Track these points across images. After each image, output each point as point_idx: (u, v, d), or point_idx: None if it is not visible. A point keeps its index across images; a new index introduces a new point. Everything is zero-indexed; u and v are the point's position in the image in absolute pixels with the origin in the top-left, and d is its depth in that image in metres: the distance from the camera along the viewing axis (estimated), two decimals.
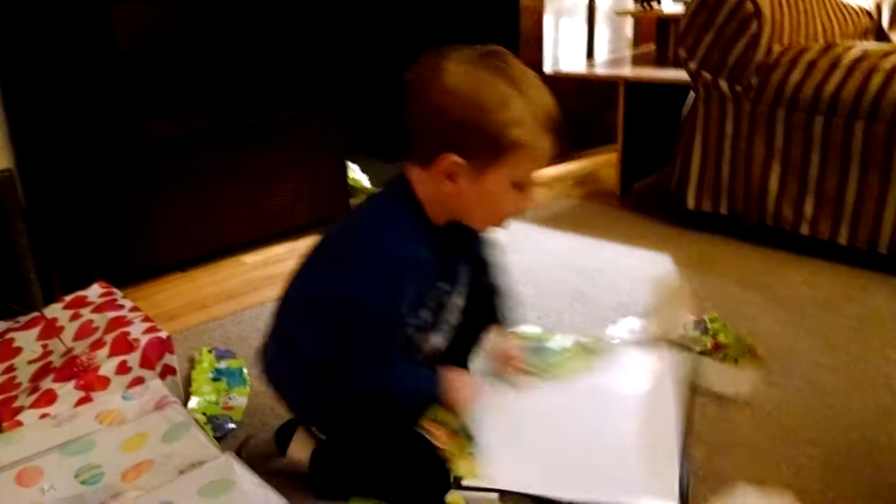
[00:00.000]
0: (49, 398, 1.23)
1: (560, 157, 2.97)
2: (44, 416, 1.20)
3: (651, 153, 2.63)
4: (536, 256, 2.04)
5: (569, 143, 1.31)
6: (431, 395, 1.07)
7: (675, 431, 1.15)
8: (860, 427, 1.24)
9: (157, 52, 1.87)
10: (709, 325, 1.55)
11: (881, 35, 2.39)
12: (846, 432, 1.23)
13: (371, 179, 2.52)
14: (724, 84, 2.00)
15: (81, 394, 1.25)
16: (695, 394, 1.33)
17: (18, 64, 1.64)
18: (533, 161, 0.95)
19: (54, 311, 1.49)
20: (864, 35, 2.32)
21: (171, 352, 1.35)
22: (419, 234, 1.01)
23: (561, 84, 2.91)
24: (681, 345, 1.49)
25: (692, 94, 2.13)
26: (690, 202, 2.16)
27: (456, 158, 0.93)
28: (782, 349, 1.50)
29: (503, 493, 1.00)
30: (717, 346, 1.49)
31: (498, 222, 1.02)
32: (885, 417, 1.27)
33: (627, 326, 1.58)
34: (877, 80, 1.73)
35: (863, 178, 1.79)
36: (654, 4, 2.81)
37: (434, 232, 1.03)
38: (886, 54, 1.78)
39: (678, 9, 2.68)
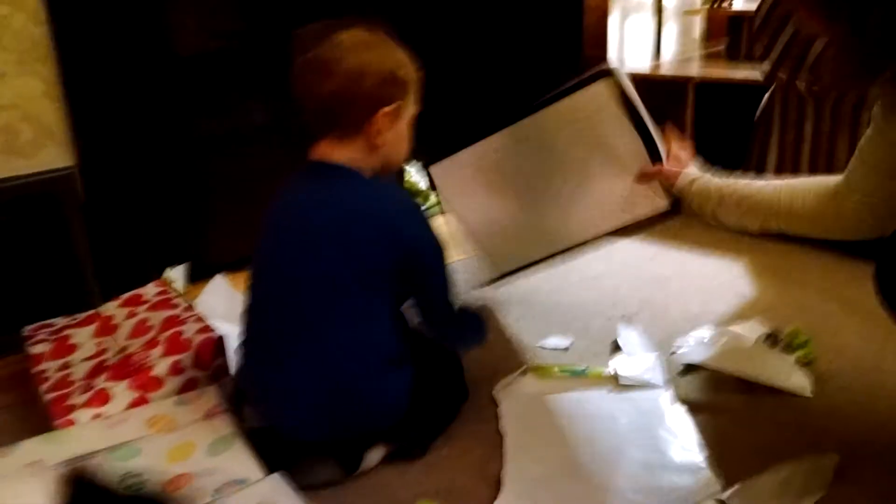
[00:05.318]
0: (102, 398, 1.22)
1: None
2: (96, 416, 1.19)
3: (723, 156, 2.51)
4: (602, 263, 1.95)
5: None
6: (482, 334, 1.28)
7: None
8: None
9: (218, 50, 1.86)
10: (781, 338, 1.45)
11: None
12: None
13: (428, 182, 2.46)
14: (801, 84, 1.89)
15: (135, 394, 1.24)
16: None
17: (81, 63, 1.65)
18: (418, 99, 1.16)
19: (110, 308, 1.49)
20: None
21: (224, 353, 1.32)
22: None
23: None
24: None
25: (768, 94, 2.02)
26: None
27: (387, 108, 1.07)
28: (866, 368, 1.39)
29: None
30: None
31: (406, 156, 1.19)
32: None
33: (697, 338, 1.50)
34: None
35: None
36: (725, 4, 2.70)
37: None
38: None
39: (750, 6, 2.56)
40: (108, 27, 1.67)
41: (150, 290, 1.53)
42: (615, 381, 1.36)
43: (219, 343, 1.31)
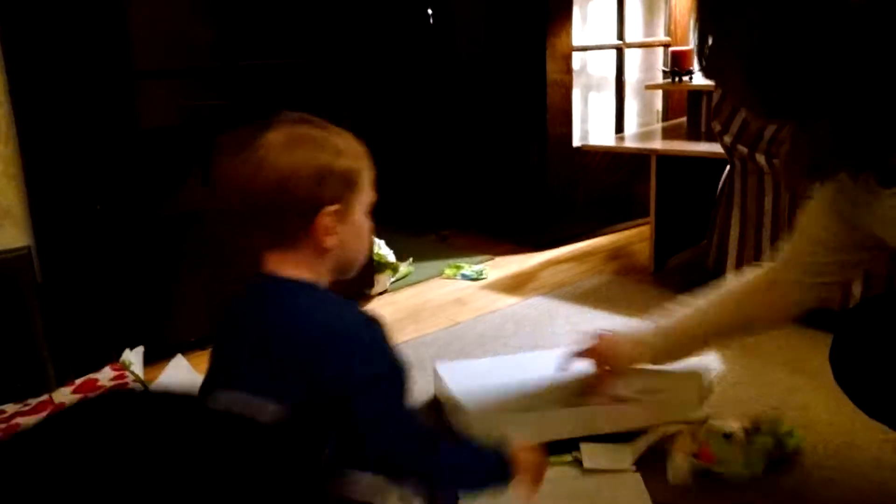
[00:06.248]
0: None
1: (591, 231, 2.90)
2: None
3: (685, 228, 2.55)
4: (566, 336, 1.94)
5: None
6: (500, 469, 1.02)
7: None
8: None
9: (182, 126, 1.86)
10: (763, 429, 1.36)
11: None
12: None
13: (396, 254, 2.46)
14: (761, 158, 1.93)
15: None
16: None
17: (39, 139, 1.64)
18: (372, 183, 1.01)
19: (63, 395, 1.44)
20: None
21: None
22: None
23: (590, 158, 2.87)
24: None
25: (728, 168, 2.07)
26: None
27: (331, 208, 0.94)
28: (837, 443, 1.38)
29: None
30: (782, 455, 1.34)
31: (367, 251, 1.05)
32: None
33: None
34: None
35: None
36: (685, 77, 2.78)
37: None
38: None
39: (709, 81, 2.64)
40: (67, 108, 1.66)
41: (105, 375, 1.49)
42: (579, 467, 1.32)
43: None
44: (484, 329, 2.03)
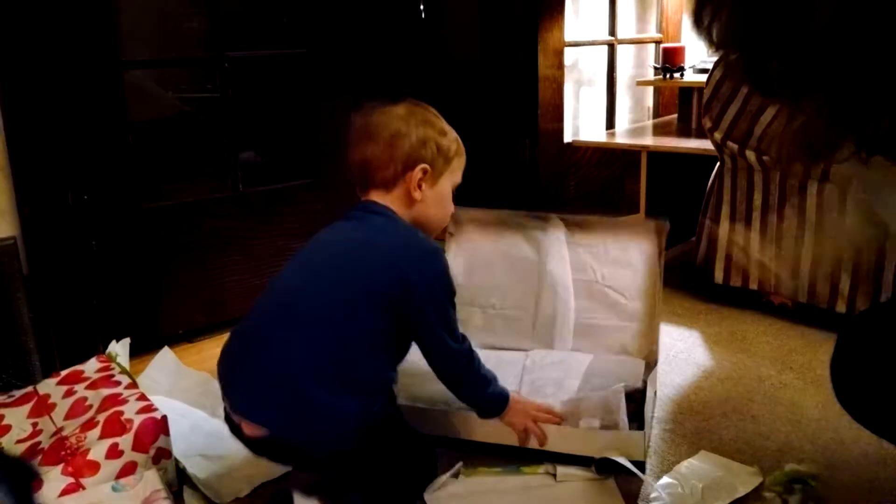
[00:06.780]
0: (35, 485, 1.14)
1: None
2: None
3: (675, 224, 2.55)
4: None
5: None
6: (502, 397, 1.27)
7: None
8: None
9: (171, 118, 1.85)
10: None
11: None
12: None
13: None
14: (751, 155, 1.93)
15: (69, 480, 1.17)
16: None
17: (26, 130, 1.62)
18: (461, 170, 1.29)
19: (48, 386, 1.42)
20: None
21: (167, 433, 1.26)
22: None
23: (581, 153, 2.87)
24: None
25: (718, 165, 2.07)
26: (718, 276, 2.07)
27: (424, 165, 1.21)
28: (825, 440, 1.38)
29: None
30: None
31: (445, 223, 1.30)
32: None
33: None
34: None
35: None
36: (676, 74, 2.79)
37: None
38: None
39: (700, 78, 2.64)
40: (54, 100, 1.64)
41: (91, 366, 1.47)
42: (552, 477, 1.28)
43: (161, 424, 1.25)
44: None
